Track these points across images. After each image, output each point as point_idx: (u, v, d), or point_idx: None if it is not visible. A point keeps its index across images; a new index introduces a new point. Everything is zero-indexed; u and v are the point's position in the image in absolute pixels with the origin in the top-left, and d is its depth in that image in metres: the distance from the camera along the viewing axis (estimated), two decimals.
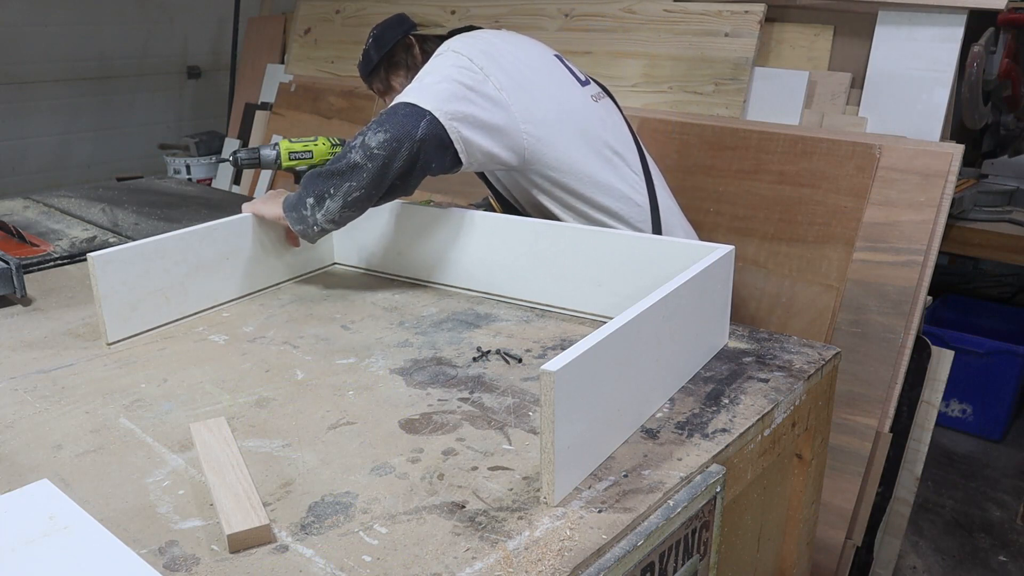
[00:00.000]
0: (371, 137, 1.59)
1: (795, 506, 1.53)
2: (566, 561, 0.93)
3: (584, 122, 1.84)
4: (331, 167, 1.63)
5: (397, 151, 1.59)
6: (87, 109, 4.87)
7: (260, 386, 1.39)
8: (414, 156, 1.60)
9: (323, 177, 1.63)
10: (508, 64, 1.76)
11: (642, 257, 1.54)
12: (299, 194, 1.68)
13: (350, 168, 1.60)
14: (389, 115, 1.61)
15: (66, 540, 0.94)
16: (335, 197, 1.62)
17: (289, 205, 1.70)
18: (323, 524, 1.01)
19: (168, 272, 1.63)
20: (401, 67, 2.02)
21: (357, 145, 1.60)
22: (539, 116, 1.75)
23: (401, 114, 1.60)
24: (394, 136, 1.58)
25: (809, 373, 1.40)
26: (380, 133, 1.59)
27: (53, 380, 1.42)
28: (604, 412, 1.11)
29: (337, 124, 3.68)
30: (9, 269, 1.74)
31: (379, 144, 1.58)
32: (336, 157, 1.64)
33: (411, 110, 1.61)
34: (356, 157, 1.59)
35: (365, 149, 1.59)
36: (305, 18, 4.02)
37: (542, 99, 1.78)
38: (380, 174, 1.60)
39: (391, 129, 1.59)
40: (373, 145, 1.58)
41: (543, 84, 1.81)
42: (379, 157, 1.58)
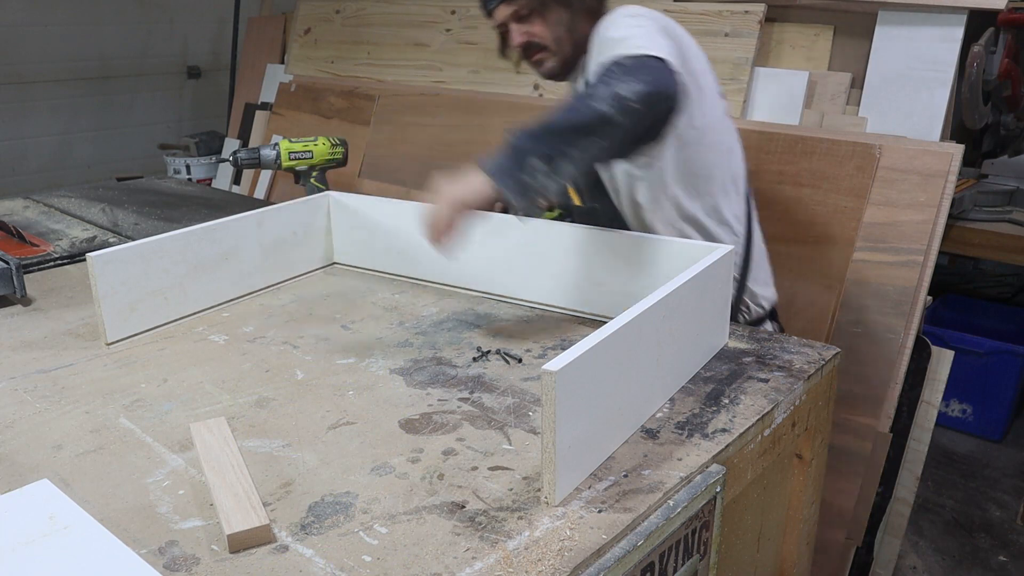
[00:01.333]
0: (624, 87, 1.33)
1: (795, 506, 1.53)
2: (566, 561, 0.93)
3: (729, 138, 1.74)
4: (566, 119, 1.33)
5: (656, 106, 1.38)
6: (87, 109, 4.87)
7: (260, 386, 1.39)
8: (669, 113, 1.43)
9: (555, 133, 1.32)
10: (689, 51, 1.62)
11: (642, 257, 1.54)
12: (513, 155, 1.32)
13: (600, 122, 1.32)
14: (636, 66, 1.38)
15: (66, 540, 0.94)
16: (575, 158, 1.31)
17: (501, 170, 1.32)
18: (323, 524, 1.01)
19: (168, 272, 1.63)
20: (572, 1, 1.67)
21: (605, 96, 1.33)
22: (707, 116, 1.65)
23: (653, 67, 1.39)
24: (654, 90, 1.36)
25: (809, 373, 1.40)
26: (636, 83, 1.34)
27: (53, 380, 1.42)
28: (604, 412, 1.11)
29: (337, 124, 3.68)
30: (9, 269, 1.74)
31: (637, 96, 1.33)
32: (568, 108, 1.35)
33: (662, 65, 1.40)
34: (606, 109, 1.32)
35: (618, 101, 1.32)
36: (305, 18, 4.02)
37: (711, 98, 1.67)
38: (634, 130, 1.37)
39: (650, 82, 1.35)
40: (630, 96, 1.32)
41: (711, 84, 1.70)
42: (635, 112, 1.33)
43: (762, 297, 1.83)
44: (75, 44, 4.72)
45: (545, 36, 1.68)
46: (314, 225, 1.94)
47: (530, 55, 1.73)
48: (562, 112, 1.34)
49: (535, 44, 1.70)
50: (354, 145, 3.11)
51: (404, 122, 3.47)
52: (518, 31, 1.70)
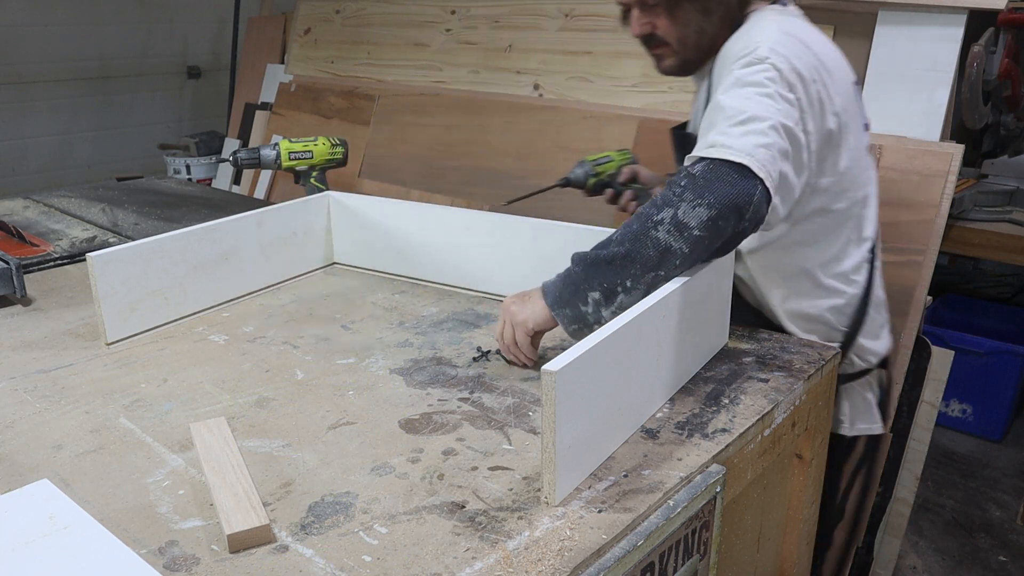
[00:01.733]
0: (688, 212, 1.21)
1: (795, 506, 1.53)
2: (566, 561, 0.93)
3: (865, 182, 1.54)
4: (625, 250, 1.24)
5: (722, 231, 1.23)
6: (87, 109, 4.87)
7: (260, 386, 1.39)
8: (741, 233, 1.26)
9: (614, 265, 1.24)
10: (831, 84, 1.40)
11: None
12: (572, 285, 1.30)
13: (661, 255, 1.22)
14: (710, 179, 1.22)
15: (66, 540, 0.94)
16: (633, 291, 1.24)
17: (559, 300, 1.31)
18: (323, 524, 1.01)
19: (168, 272, 1.63)
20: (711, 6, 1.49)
21: (666, 220, 1.21)
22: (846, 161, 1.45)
23: (727, 181, 1.22)
24: (720, 213, 1.21)
25: (809, 373, 1.40)
26: (701, 207, 1.20)
27: (53, 380, 1.42)
28: (604, 412, 1.11)
29: (337, 124, 3.68)
30: (9, 269, 1.74)
31: (701, 224, 1.21)
32: (630, 233, 1.24)
33: (740, 174, 1.22)
34: (666, 239, 1.21)
35: (680, 229, 1.21)
36: (305, 18, 4.02)
37: (855, 136, 1.47)
38: (696, 258, 1.26)
39: (716, 202, 1.20)
40: (692, 225, 1.20)
41: (856, 116, 1.49)
42: (699, 240, 1.22)
43: (870, 352, 1.65)
44: (75, 44, 4.72)
45: (669, 33, 1.51)
46: (314, 225, 1.94)
47: (649, 47, 1.58)
48: (622, 237, 1.25)
49: (656, 38, 1.54)
50: (354, 145, 3.11)
51: (404, 122, 3.47)
52: (639, 20, 1.52)
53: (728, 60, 1.41)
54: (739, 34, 1.45)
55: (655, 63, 1.61)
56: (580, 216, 2.74)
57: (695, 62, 1.57)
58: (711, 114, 1.33)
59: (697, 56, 1.55)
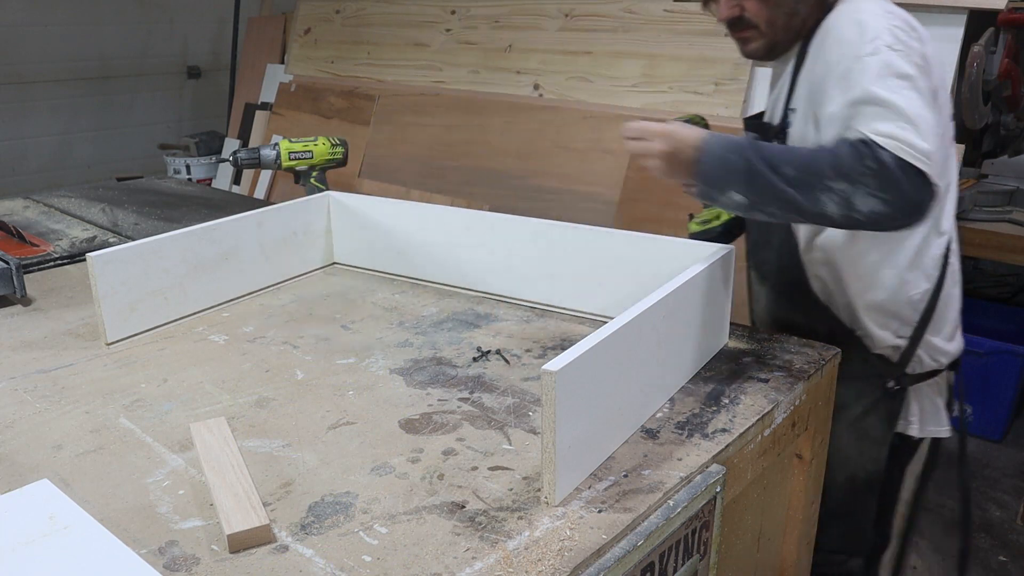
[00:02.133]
0: (863, 198, 1.24)
1: (795, 506, 1.53)
2: (566, 561, 0.93)
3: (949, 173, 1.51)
4: (790, 192, 1.27)
5: (879, 225, 1.28)
6: (87, 109, 4.87)
7: (260, 386, 1.39)
8: (897, 230, 1.33)
9: (771, 192, 1.28)
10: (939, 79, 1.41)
11: (642, 257, 1.54)
12: (727, 174, 1.31)
13: (817, 215, 1.28)
14: (897, 178, 1.23)
15: (66, 540, 0.94)
16: (773, 215, 1.31)
17: (709, 176, 1.33)
18: (323, 524, 1.01)
19: (168, 272, 1.63)
20: None
21: (837, 191, 1.24)
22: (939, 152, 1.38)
23: (911, 184, 1.23)
24: (891, 213, 1.25)
25: (809, 373, 1.40)
26: (876, 200, 1.23)
27: (53, 380, 1.42)
28: (604, 412, 1.11)
29: (337, 124, 3.68)
30: (9, 269, 1.74)
31: (868, 213, 1.25)
32: (801, 178, 1.26)
33: (922, 180, 1.24)
34: (830, 207, 1.26)
35: (848, 207, 1.25)
36: (305, 18, 4.02)
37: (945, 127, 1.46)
38: (839, 226, 1.34)
39: (893, 202, 1.24)
40: (861, 210, 1.25)
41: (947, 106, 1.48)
42: (855, 223, 1.28)
43: (941, 352, 1.61)
44: (75, 44, 4.73)
45: (759, 15, 1.49)
46: (314, 225, 1.94)
47: (736, 30, 1.55)
48: (794, 178, 1.26)
49: (745, 21, 1.51)
50: (354, 145, 3.11)
51: (404, 122, 3.47)
52: (728, 3, 1.51)
53: (842, 45, 1.39)
54: (843, 19, 1.43)
55: (740, 46, 1.59)
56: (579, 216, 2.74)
57: (782, 45, 1.54)
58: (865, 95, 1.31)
59: (785, 39, 1.53)
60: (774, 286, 1.69)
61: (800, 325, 1.62)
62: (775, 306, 1.71)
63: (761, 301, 1.75)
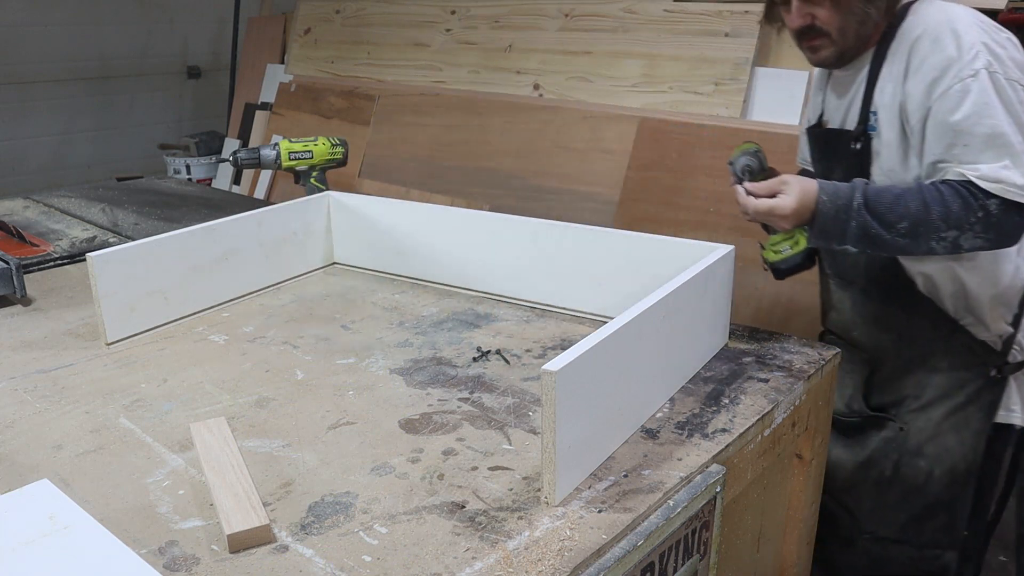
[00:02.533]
0: (969, 239, 1.39)
1: (795, 506, 1.53)
2: (566, 561, 0.93)
3: None
4: (901, 243, 1.41)
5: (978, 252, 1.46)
6: (87, 109, 4.87)
7: (260, 386, 1.39)
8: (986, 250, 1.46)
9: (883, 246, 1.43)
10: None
11: (642, 257, 1.54)
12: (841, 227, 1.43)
13: (922, 252, 1.43)
14: (1001, 220, 1.36)
15: (66, 540, 0.94)
16: (880, 246, 1.43)
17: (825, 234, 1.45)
18: (323, 524, 1.01)
19: (168, 272, 1.63)
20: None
21: (948, 239, 1.39)
22: None
23: (1013, 223, 1.38)
24: (991, 247, 1.41)
25: (809, 373, 1.40)
26: (980, 239, 1.39)
27: (53, 380, 1.42)
28: (605, 412, 1.11)
29: (337, 124, 3.68)
30: (9, 269, 1.74)
31: (970, 247, 1.41)
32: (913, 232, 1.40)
33: (1020, 218, 1.38)
34: (938, 248, 1.40)
35: (954, 248, 1.40)
36: (305, 18, 4.02)
37: None
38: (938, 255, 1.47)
39: (996, 240, 1.40)
40: (965, 247, 1.40)
41: None
42: (960, 251, 1.42)
43: None
44: (75, 44, 4.72)
45: (831, 23, 1.50)
46: (314, 225, 1.94)
47: (806, 39, 1.56)
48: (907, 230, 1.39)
49: (816, 29, 1.52)
50: (354, 145, 3.11)
51: (404, 122, 3.47)
52: (800, 11, 1.52)
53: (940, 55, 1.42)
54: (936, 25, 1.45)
55: (809, 55, 1.60)
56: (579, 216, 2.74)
57: (851, 52, 1.56)
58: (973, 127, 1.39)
59: (855, 46, 1.55)
60: (864, 288, 1.69)
61: (898, 319, 1.64)
62: (865, 307, 1.70)
63: (846, 303, 1.74)
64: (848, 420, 1.75)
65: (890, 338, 1.67)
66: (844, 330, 1.76)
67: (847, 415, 1.75)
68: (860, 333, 1.72)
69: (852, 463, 1.75)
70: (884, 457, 1.71)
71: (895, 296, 1.64)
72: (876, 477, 1.72)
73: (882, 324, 1.67)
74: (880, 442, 1.71)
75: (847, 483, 1.76)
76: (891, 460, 1.70)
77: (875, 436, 1.72)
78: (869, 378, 1.72)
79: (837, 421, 1.73)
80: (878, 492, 1.72)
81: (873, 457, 1.72)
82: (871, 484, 1.73)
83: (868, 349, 1.71)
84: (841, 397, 1.74)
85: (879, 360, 1.70)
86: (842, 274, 1.75)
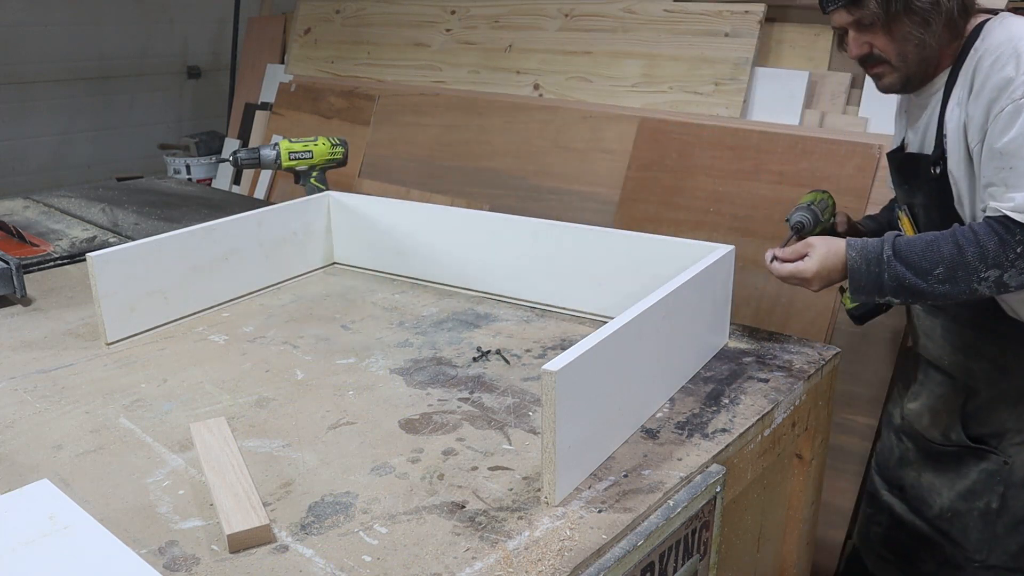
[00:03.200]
0: (1013, 277, 1.35)
1: (795, 506, 1.53)
2: (566, 561, 0.93)
3: None
4: (942, 290, 1.40)
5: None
6: (87, 109, 4.87)
7: (260, 386, 1.39)
8: None
9: (923, 295, 1.41)
10: None
11: (642, 257, 1.54)
12: (878, 286, 1.43)
13: (969, 295, 1.39)
14: None
15: (66, 540, 0.94)
16: (920, 295, 1.42)
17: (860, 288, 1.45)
18: (323, 524, 1.01)
19: (168, 272, 1.63)
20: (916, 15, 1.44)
21: (991, 279, 1.36)
22: None
23: None
24: None
25: (809, 373, 1.40)
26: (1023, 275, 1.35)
27: (53, 380, 1.42)
28: (604, 412, 1.11)
29: (337, 124, 3.68)
30: (9, 269, 1.74)
31: (1018, 286, 1.37)
32: (953, 279, 1.38)
33: None
34: (982, 290, 1.38)
35: (999, 287, 1.37)
36: (305, 18, 4.02)
37: None
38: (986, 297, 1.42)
39: None
40: (1012, 286, 1.37)
41: None
42: (1007, 290, 1.38)
43: None
44: (75, 44, 4.72)
45: (888, 50, 1.49)
46: (314, 225, 1.94)
47: (868, 67, 1.56)
48: (944, 278, 1.38)
49: (875, 57, 1.52)
50: (354, 145, 3.10)
51: (404, 122, 3.47)
52: (857, 41, 1.52)
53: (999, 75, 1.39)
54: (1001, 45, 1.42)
55: (875, 82, 1.59)
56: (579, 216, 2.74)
57: (918, 77, 1.54)
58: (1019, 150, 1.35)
59: (920, 70, 1.53)
60: (954, 315, 1.64)
61: (990, 347, 1.59)
62: (956, 334, 1.65)
63: (936, 331, 1.69)
64: (945, 448, 1.69)
65: (983, 367, 1.62)
66: (937, 358, 1.70)
67: (944, 444, 1.69)
68: (952, 362, 1.66)
69: (950, 492, 1.69)
70: (988, 489, 1.65)
71: (985, 324, 1.59)
72: (982, 508, 1.66)
73: (974, 353, 1.62)
74: (983, 474, 1.65)
75: (946, 511, 1.70)
76: (996, 493, 1.64)
77: (975, 467, 1.65)
78: (965, 405, 1.66)
79: (931, 448, 1.69)
80: (984, 523, 1.67)
81: (976, 489, 1.66)
82: (977, 515, 1.67)
83: (962, 377, 1.66)
84: (936, 425, 1.69)
85: (974, 389, 1.64)
86: None
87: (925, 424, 1.72)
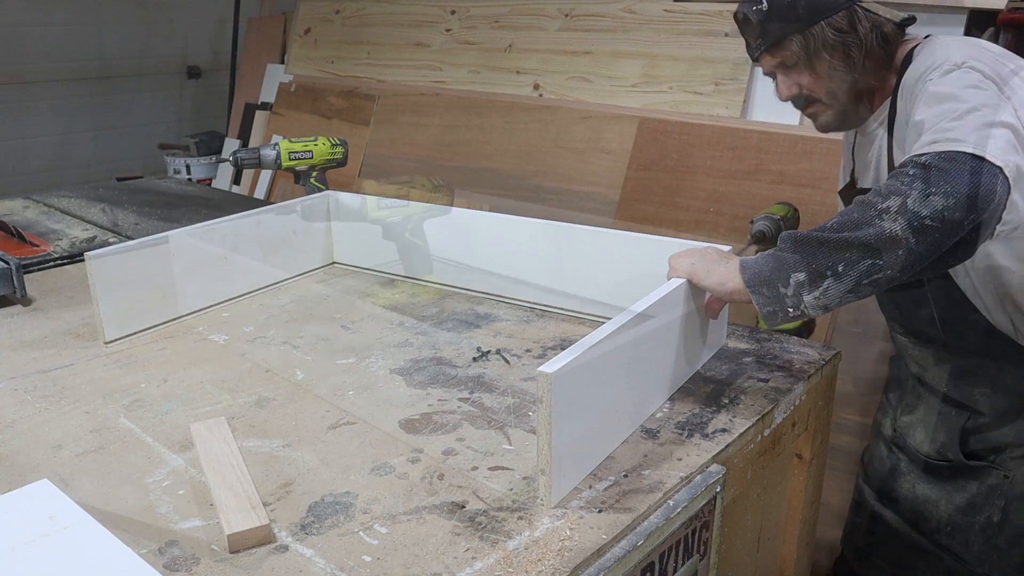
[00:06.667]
0: (919, 201, 1.13)
1: (795, 506, 1.53)
2: (566, 561, 0.93)
3: None
4: (842, 234, 1.16)
5: (958, 223, 1.15)
6: (87, 109, 4.87)
7: (260, 386, 1.39)
8: (982, 226, 1.19)
9: (827, 247, 1.17)
10: None
11: (642, 257, 1.54)
12: (776, 263, 1.21)
13: (885, 243, 1.15)
14: (945, 168, 1.14)
15: (66, 540, 0.94)
16: (844, 277, 1.17)
17: (758, 279, 1.22)
18: (323, 524, 1.01)
19: (168, 272, 1.63)
20: (836, 51, 1.44)
21: (892, 209, 1.14)
22: None
23: (965, 169, 1.15)
24: (957, 203, 1.13)
25: (809, 373, 1.40)
26: (936, 196, 1.13)
27: (53, 380, 1.42)
28: (603, 412, 1.11)
29: (337, 124, 3.68)
30: (9, 269, 1.74)
31: (934, 213, 1.13)
32: (850, 220, 1.17)
33: (977, 164, 1.15)
34: (891, 227, 1.14)
35: (910, 217, 1.13)
36: (305, 18, 4.02)
37: None
38: (927, 253, 1.16)
39: (953, 192, 1.13)
40: (924, 214, 1.13)
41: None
42: (929, 231, 1.14)
43: None
44: (75, 44, 4.72)
45: (817, 88, 1.49)
46: (314, 225, 1.94)
47: (803, 108, 1.56)
48: (841, 223, 1.17)
49: (807, 97, 1.52)
50: (354, 145, 3.11)
51: (404, 122, 3.47)
52: (786, 83, 1.52)
53: (917, 84, 1.37)
54: (917, 65, 1.41)
55: (813, 123, 1.58)
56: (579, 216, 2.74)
57: (853, 112, 1.53)
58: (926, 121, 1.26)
59: (854, 106, 1.52)
60: (945, 344, 1.59)
61: (988, 370, 1.56)
62: (950, 363, 1.61)
63: (928, 360, 1.64)
64: (940, 464, 1.66)
65: (982, 391, 1.58)
66: (935, 385, 1.67)
67: (939, 460, 1.66)
68: (950, 389, 1.62)
69: (949, 506, 1.66)
70: (989, 503, 1.62)
71: (979, 347, 1.54)
72: (983, 523, 1.64)
73: (971, 379, 1.58)
74: (983, 488, 1.62)
75: (945, 525, 1.68)
76: (997, 507, 1.61)
77: (974, 481, 1.63)
78: (964, 425, 1.62)
79: (926, 463, 1.67)
80: (986, 537, 1.64)
81: (976, 503, 1.63)
82: (978, 529, 1.64)
83: (962, 399, 1.62)
84: (932, 442, 1.66)
85: (976, 411, 1.61)
86: (917, 333, 1.65)
87: (919, 439, 1.69)
